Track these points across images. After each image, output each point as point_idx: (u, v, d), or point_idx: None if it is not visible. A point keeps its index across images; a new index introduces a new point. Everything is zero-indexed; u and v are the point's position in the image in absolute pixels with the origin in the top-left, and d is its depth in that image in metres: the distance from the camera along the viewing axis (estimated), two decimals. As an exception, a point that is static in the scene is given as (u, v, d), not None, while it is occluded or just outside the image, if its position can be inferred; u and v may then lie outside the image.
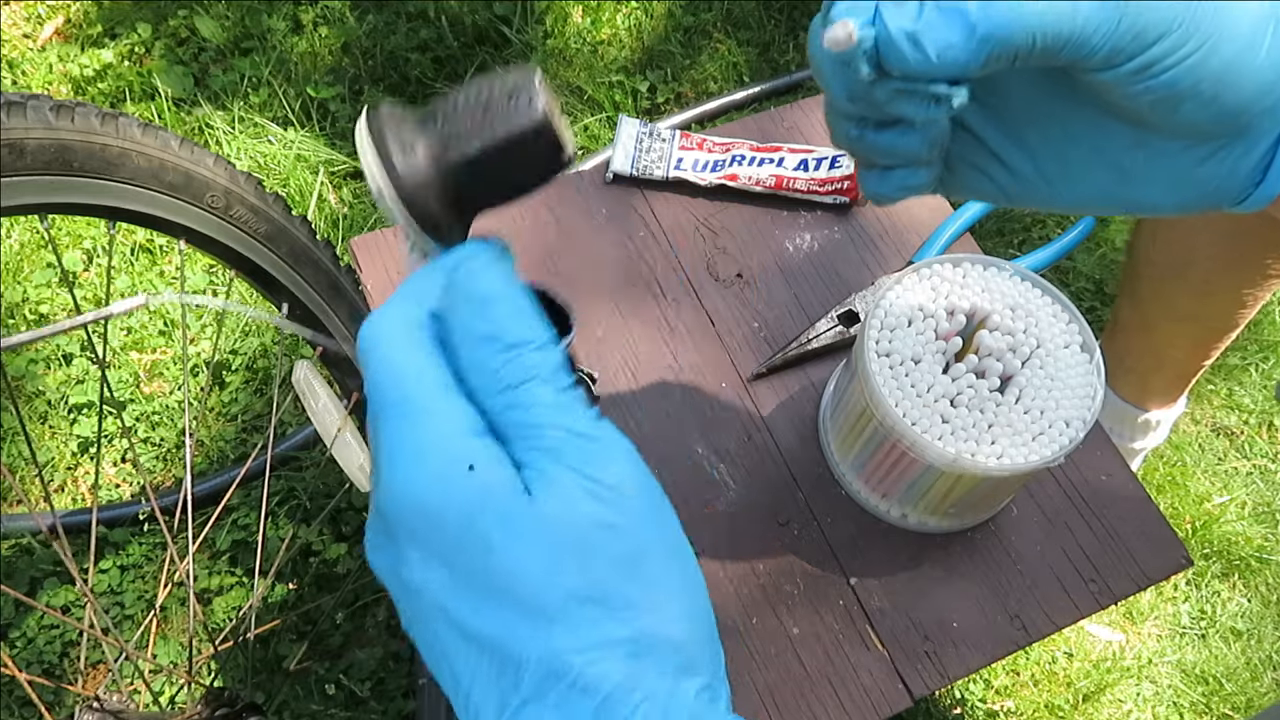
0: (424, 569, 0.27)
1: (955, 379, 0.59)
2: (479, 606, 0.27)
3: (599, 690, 0.26)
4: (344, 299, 0.90)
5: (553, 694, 0.26)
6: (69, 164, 0.64)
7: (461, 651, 0.27)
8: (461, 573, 0.27)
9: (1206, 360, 1.09)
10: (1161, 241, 0.98)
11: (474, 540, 0.27)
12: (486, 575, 0.27)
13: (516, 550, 0.27)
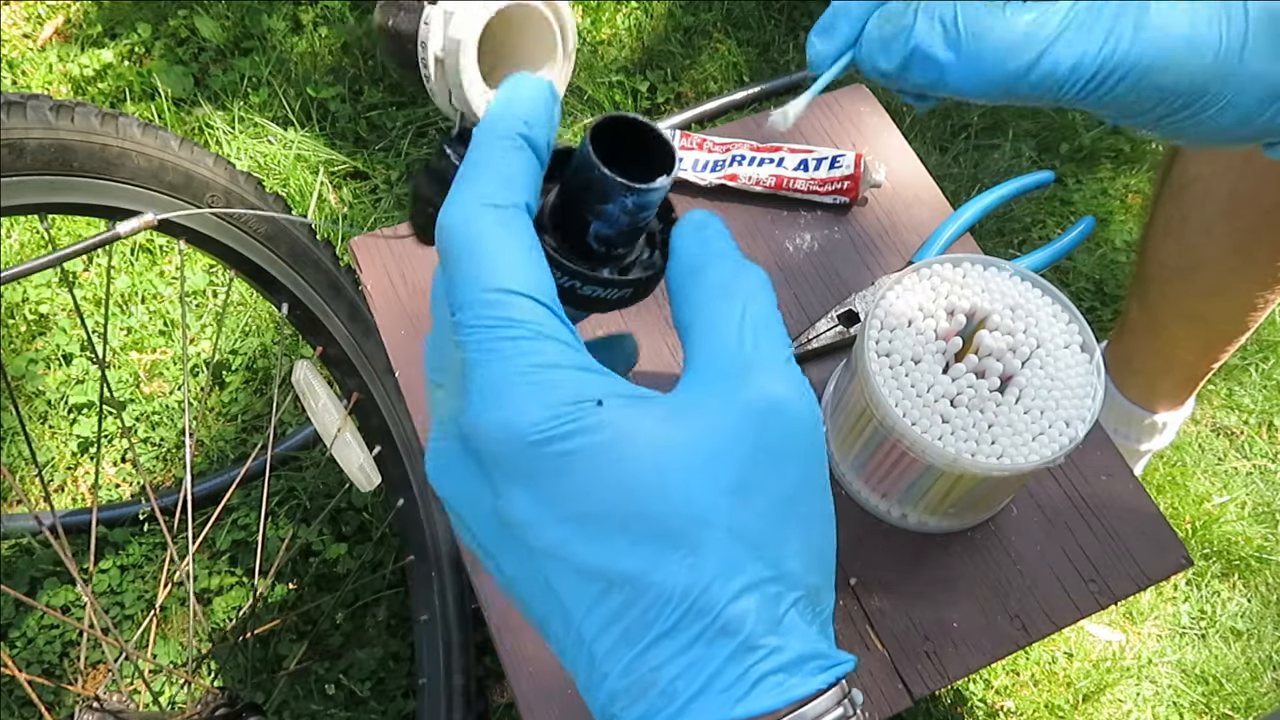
0: (534, 505, 0.26)
1: (955, 379, 0.58)
2: (610, 541, 0.26)
3: (739, 631, 0.26)
4: (344, 299, 0.90)
5: (691, 630, 0.25)
6: (69, 164, 0.64)
7: (576, 585, 0.26)
8: (588, 508, 0.26)
9: (1215, 363, 1.09)
10: (1172, 242, 0.98)
11: (612, 477, 0.26)
12: (626, 510, 0.26)
13: (668, 483, 0.26)
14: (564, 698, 0.63)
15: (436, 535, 1.07)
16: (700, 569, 0.26)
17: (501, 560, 0.28)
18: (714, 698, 0.25)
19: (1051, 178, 0.87)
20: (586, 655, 0.27)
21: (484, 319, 0.26)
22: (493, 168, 0.28)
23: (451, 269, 0.27)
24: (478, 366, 0.26)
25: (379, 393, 0.95)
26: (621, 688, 0.26)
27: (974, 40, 0.30)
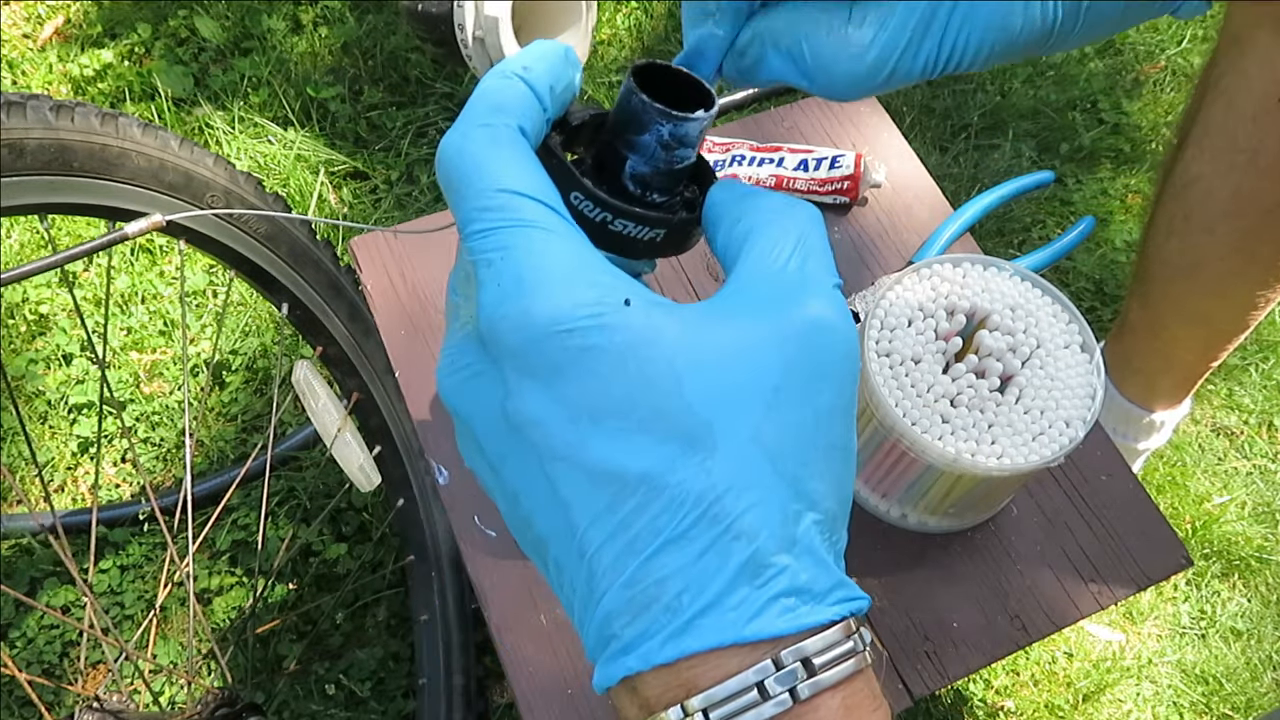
0: (548, 401, 0.25)
1: (955, 379, 0.58)
2: (627, 439, 0.25)
3: (751, 541, 0.25)
4: (344, 299, 0.90)
5: (702, 538, 0.25)
6: (69, 164, 0.64)
7: (584, 491, 0.25)
8: (606, 406, 0.25)
9: (1214, 362, 1.09)
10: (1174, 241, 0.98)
11: (635, 374, 0.25)
12: (646, 408, 0.25)
13: (692, 385, 0.25)
14: (564, 698, 0.63)
15: (436, 535, 1.07)
16: (717, 474, 0.25)
17: (507, 471, 0.27)
18: (722, 615, 0.25)
19: (1051, 178, 0.87)
20: (586, 571, 0.26)
21: (493, 220, 0.26)
22: (485, 98, 0.29)
23: (453, 190, 0.27)
24: (491, 264, 0.26)
25: (379, 393, 0.95)
26: (622, 602, 0.25)
27: (823, 72, 0.31)
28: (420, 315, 0.75)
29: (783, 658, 0.25)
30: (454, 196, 0.27)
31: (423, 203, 1.47)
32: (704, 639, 0.25)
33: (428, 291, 0.76)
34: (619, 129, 0.30)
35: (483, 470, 0.29)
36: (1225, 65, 0.84)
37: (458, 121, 0.28)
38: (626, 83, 0.29)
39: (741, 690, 0.25)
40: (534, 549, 0.28)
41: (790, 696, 0.25)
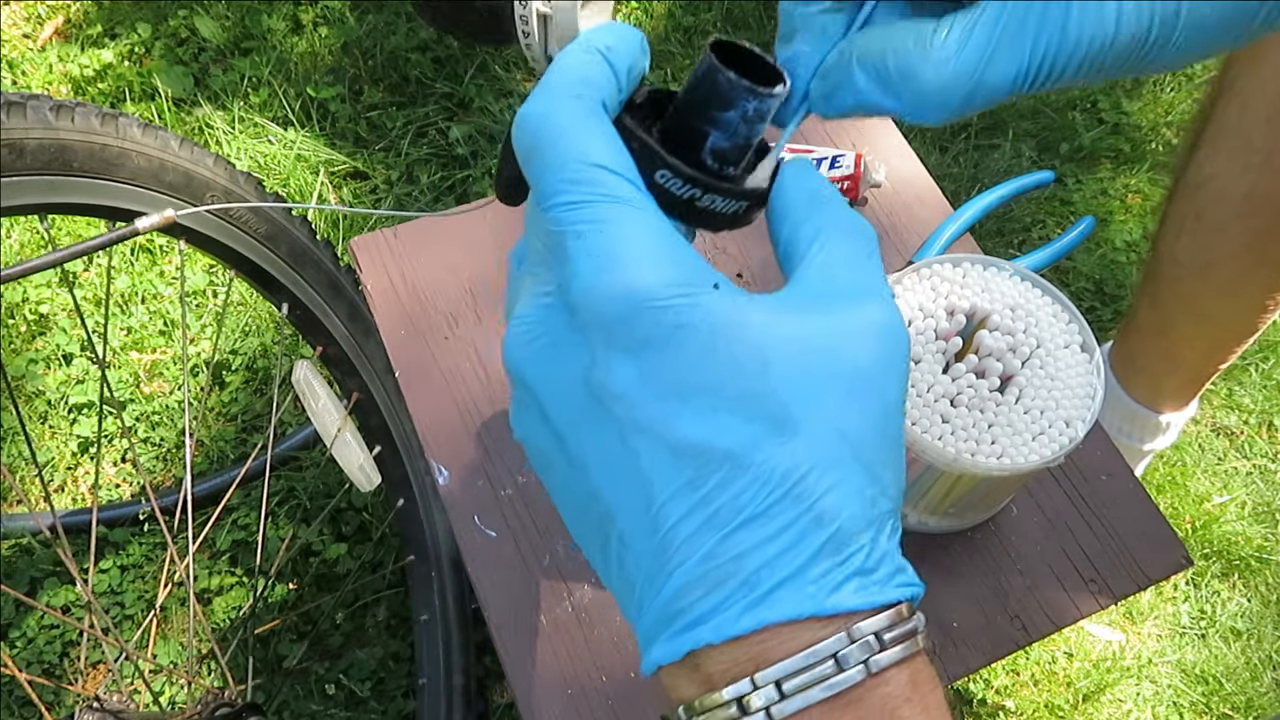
0: (638, 376, 0.26)
1: (955, 379, 0.59)
2: (716, 417, 0.26)
3: (832, 524, 0.26)
4: (344, 299, 0.90)
5: (784, 516, 0.26)
6: (69, 164, 0.64)
7: (667, 465, 0.26)
8: (696, 383, 0.26)
9: (1222, 364, 1.09)
10: (1186, 239, 0.98)
11: (725, 354, 0.26)
12: (736, 389, 0.26)
13: (781, 370, 0.26)
14: (564, 698, 0.63)
15: (436, 535, 1.07)
16: (801, 456, 0.26)
17: (579, 440, 0.27)
18: (800, 589, 0.25)
19: (1051, 178, 0.87)
20: (658, 544, 0.26)
21: (582, 193, 0.27)
22: (571, 70, 0.29)
23: (537, 158, 0.28)
24: (582, 236, 0.27)
25: (379, 393, 0.95)
26: (696, 576, 0.26)
27: (909, 84, 0.29)
28: (420, 315, 0.75)
29: (855, 631, 0.26)
30: (537, 165, 0.28)
31: (422, 203, 1.47)
32: (783, 610, 0.25)
33: (428, 291, 0.76)
34: (700, 106, 0.30)
35: (544, 442, 0.29)
36: (1240, 68, 0.84)
37: (539, 90, 0.28)
38: (708, 60, 0.30)
39: (816, 661, 0.25)
40: (594, 524, 0.28)
41: (863, 669, 0.26)
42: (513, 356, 0.29)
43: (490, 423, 0.71)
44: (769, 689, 0.25)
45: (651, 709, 0.62)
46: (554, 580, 0.66)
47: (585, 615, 0.65)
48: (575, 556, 0.67)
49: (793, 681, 0.25)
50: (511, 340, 0.29)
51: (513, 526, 0.68)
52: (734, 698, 0.26)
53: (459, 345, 0.74)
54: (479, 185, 1.49)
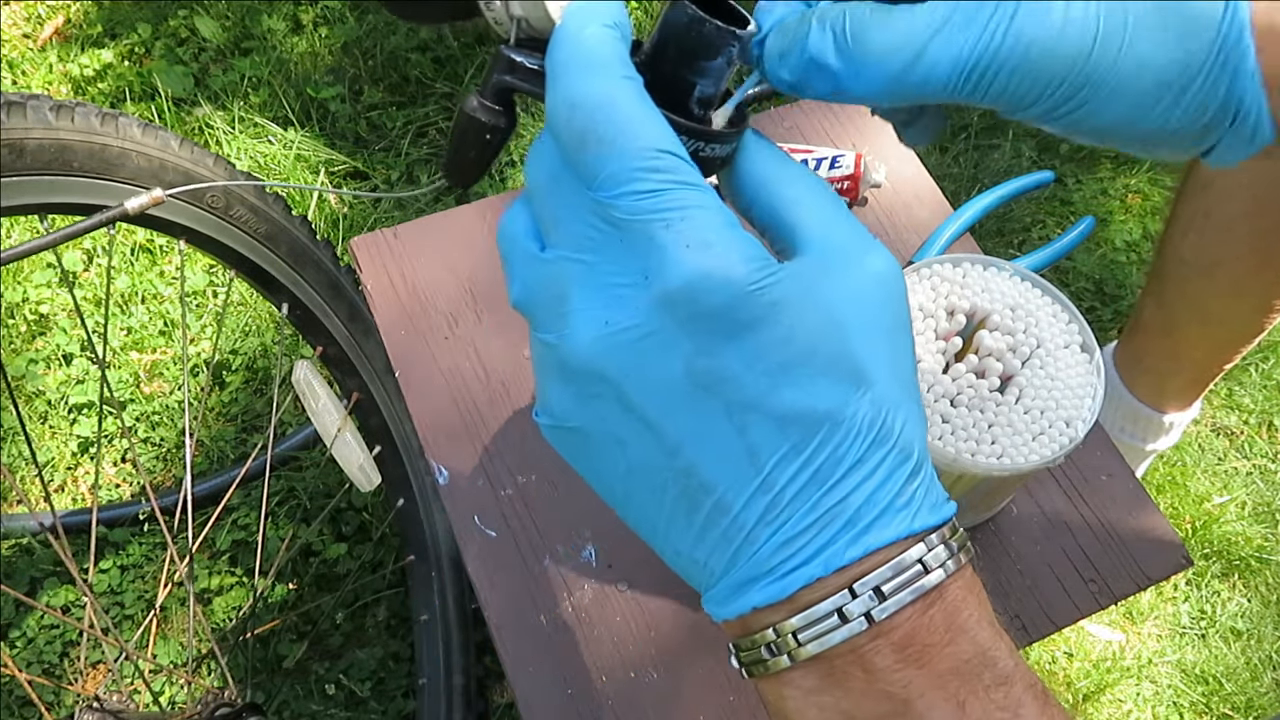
0: (743, 357, 0.28)
1: (955, 379, 0.58)
2: (813, 384, 0.28)
3: (911, 455, 0.29)
4: (344, 299, 0.90)
5: (876, 457, 0.28)
6: (69, 164, 0.64)
7: (772, 435, 0.28)
8: (791, 355, 0.28)
9: (1226, 364, 1.09)
10: (1193, 238, 0.98)
11: (812, 323, 0.28)
12: (824, 354, 0.28)
13: (851, 329, 0.29)
14: (564, 697, 0.63)
15: (436, 535, 1.07)
16: (879, 403, 0.29)
17: (674, 423, 0.28)
18: (894, 515, 0.29)
19: (1051, 178, 0.87)
20: (768, 504, 0.28)
21: (660, 181, 0.27)
22: (610, 48, 0.29)
23: (599, 144, 0.28)
24: (671, 225, 0.27)
25: (379, 393, 0.95)
26: (805, 526, 0.28)
27: (858, 44, 0.30)
28: (420, 315, 0.75)
29: (930, 541, 0.29)
30: (598, 151, 0.28)
31: (423, 203, 1.47)
32: (884, 536, 0.28)
33: (428, 291, 0.76)
34: (686, 57, 0.31)
35: (621, 430, 0.29)
36: None
37: (578, 68, 0.28)
38: (690, 11, 0.30)
39: (906, 568, 0.29)
40: (678, 498, 0.29)
41: (942, 571, 0.29)
42: (590, 353, 0.28)
43: (490, 423, 0.71)
44: (867, 596, 0.28)
45: (651, 708, 0.62)
46: (554, 580, 0.66)
47: (585, 615, 0.65)
48: (575, 556, 0.67)
49: (890, 584, 0.28)
50: (588, 338, 0.28)
51: (513, 526, 0.68)
52: (834, 609, 0.28)
53: (459, 345, 0.74)
54: (479, 185, 1.49)
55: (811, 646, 0.29)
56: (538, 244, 0.30)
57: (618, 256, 0.28)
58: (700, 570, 0.30)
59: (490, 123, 0.33)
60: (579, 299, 0.29)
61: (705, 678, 0.63)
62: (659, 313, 0.28)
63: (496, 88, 0.33)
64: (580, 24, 0.29)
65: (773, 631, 0.29)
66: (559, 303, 0.29)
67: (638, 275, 0.28)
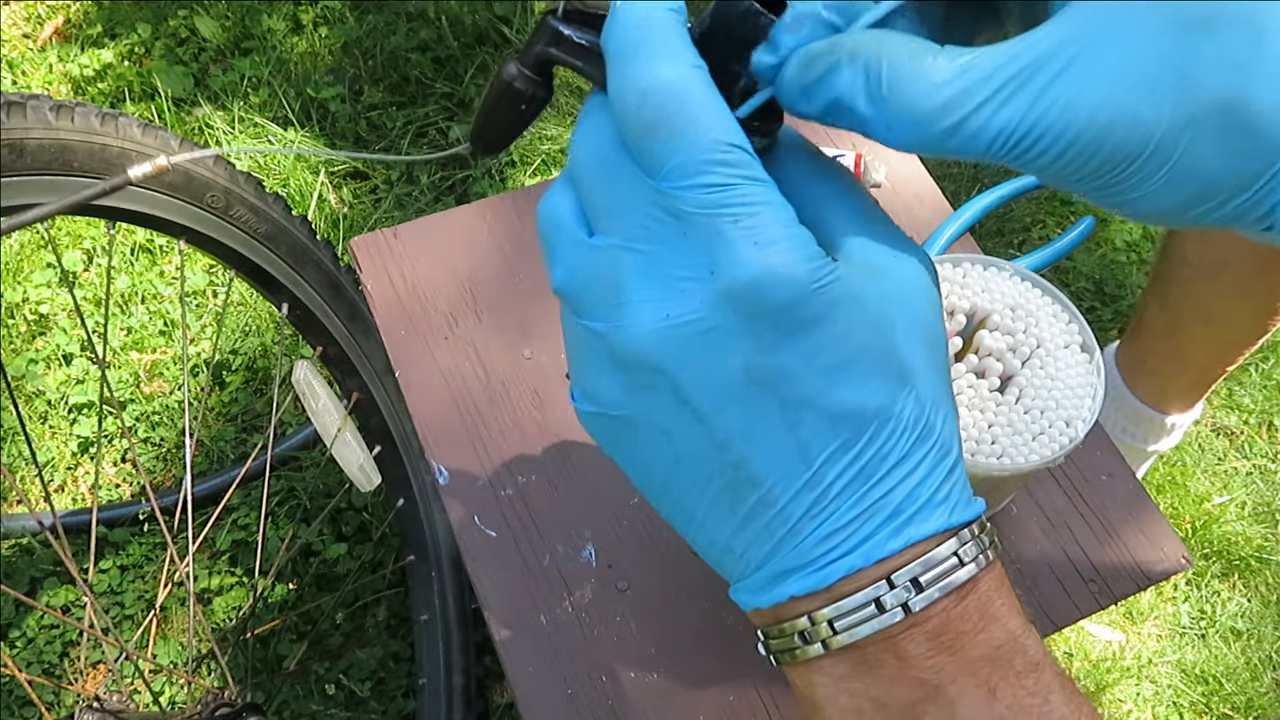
0: (801, 354, 0.28)
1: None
2: (865, 382, 0.28)
3: (952, 451, 0.30)
4: (344, 299, 0.90)
5: (920, 453, 0.29)
6: (69, 164, 0.64)
7: (823, 431, 0.28)
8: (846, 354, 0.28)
9: (1229, 365, 1.09)
10: (1198, 239, 0.97)
11: (864, 322, 0.28)
12: (875, 352, 0.28)
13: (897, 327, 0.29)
14: (564, 697, 0.63)
15: (436, 535, 1.07)
16: (923, 400, 0.29)
17: (727, 416, 0.29)
18: (934, 509, 0.29)
19: (1051, 178, 0.87)
20: (815, 498, 0.29)
21: (730, 175, 0.27)
22: (679, 35, 0.28)
23: (670, 132, 0.27)
24: (740, 220, 0.27)
25: (379, 393, 0.95)
26: (849, 519, 0.29)
27: (893, 96, 0.28)
28: (420, 315, 0.75)
29: (963, 535, 0.30)
30: (669, 140, 0.27)
31: (423, 203, 1.47)
32: (924, 529, 0.29)
33: (428, 291, 0.76)
34: (736, 49, 0.30)
35: (671, 422, 0.29)
36: None
37: (648, 53, 0.28)
38: (745, 3, 0.29)
39: (942, 560, 0.29)
40: (724, 489, 0.30)
41: (975, 566, 0.30)
42: (648, 344, 0.28)
43: (490, 423, 0.71)
44: (905, 586, 0.29)
45: (651, 708, 0.62)
46: (554, 580, 0.66)
47: (585, 615, 0.65)
48: (575, 556, 0.67)
49: (927, 575, 0.29)
50: (647, 330, 0.28)
51: (513, 526, 0.68)
52: (871, 599, 0.29)
53: (459, 345, 0.74)
54: (479, 185, 1.49)
55: (845, 636, 0.29)
56: (584, 229, 0.30)
57: (680, 248, 0.28)
58: (735, 560, 0.31)
59: (528, 92, 0.32)
60: (637, 289, 0.28)
61: (705, 678, 0.63)
62: (722, 308, 0.28)
63: (539, 58, 0.32)
64: (644, 6, 0.29)
65: (807, 620, 0.30)
66: (614, 292, 0.29)
67: (702, 269, 0.28)
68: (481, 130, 0.34)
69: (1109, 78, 0.26)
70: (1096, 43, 0.26)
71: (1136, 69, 0.26)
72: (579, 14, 0.32)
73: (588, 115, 0.30)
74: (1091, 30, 0.26)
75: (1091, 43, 0.26)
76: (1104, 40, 0.26)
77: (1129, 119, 0.27)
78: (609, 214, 0.29)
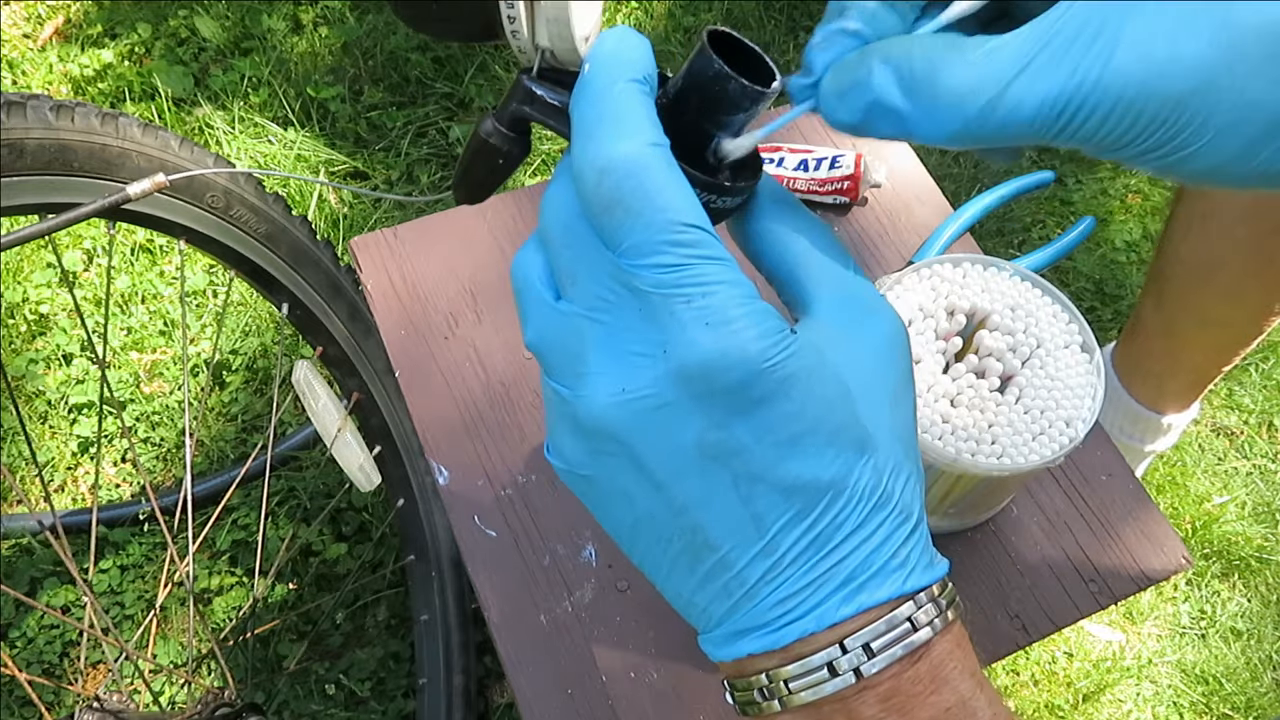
0: (753, 431, 0.28)
1: (955, 379, 0.58)
2: (819, 455, 0.28)
3: (911, 516, 0.30)
4: (344, 299, 0.90)
5: (877, 519, 0.29)
6: (69, 164, 0.64)
7: (776, 503, 0.29)
8: (800, 428, 0.28)
9: (1226, 366, 1.09)
10: (1193, 240, 0.97)
11: (820, 395, 0.28)
12: (830, 425, 0.28)
13: (856, 397, 0.29)
14: (564, 697, 0.63)
15: (436, 535, 1.07)
16: (881, 468, 0.29)
17: (683, 487, 0.29)
18: (888, 576, 0.29)
19: (1051, 178, 0.87)
20: (770, 566, 0.29)
21: (685, 255, 0.27)
22: (640, 109, 0.28)
23: (626, 212, 0.28)
24: (692, 300, 0.27)
25: (379, 393, 0.96)
26: (802, 585, 0.29)
27: (928, 85, 0.28)
28: (420, 315, 0.75)
29: (920, 599, 0.30)
30: (625, 219, 0.28)
31: (422, 203, 1.47)
32: (877, 596, 0.29)
33: (428, 291, 0.76)
34: (708, 110, 0.30)
35: (631, 486, 0.30)
36: None
37: (608, 130, 0.28)
38: (716, 66, 0.29)
39: (896, 625, 0.29)
40: (683, 551, 0.30)
41: (930, 629, 0.30)
42: (609, 419, 0.29)
43: (490, 423, 0.71)
44: (858, 651, 0.29)
45: (651, 708, 0.62)
46: (554, 580, 0.66)
47: (585, 615, 0.65)
48: (575, 556, 0.67)
49: (879, 641, 0.29)
50: (604, 405, 0.29)
51: (513, 526, 0.68)
52: (825, 662, 0.29)
53: (459, 345, 0.74)
54: (479, 185, 1.48)
55: (802, 695, 0.30)
56: (552, 291, 0.30)
57: (635, 324, 0.28)
58: (700, 614, 0.31)
59: (504, 149, 0.33)
60: (595, 361, 0.29)
61: (705, 678, 0.63)
62: (674, 385, 0.28)
63: (514, 116, 0.33)
64: (609, 78, 0.29)
65: (765, 677, 0.30)
66: (576, 360, 0.29)
67: (655, 346, 0.28)
68: (462, 182, 0.35)
69: (1146, 26, 0.26)
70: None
71: (1171, 12, 0.26)
72: (553, 72, 0.32)
73: (558, 178, 0.31)
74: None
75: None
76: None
77: (1172, 63, 0.26)
78: (573, 280, 0.30)
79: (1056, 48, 0.27)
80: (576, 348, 0.29)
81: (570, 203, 0.29)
